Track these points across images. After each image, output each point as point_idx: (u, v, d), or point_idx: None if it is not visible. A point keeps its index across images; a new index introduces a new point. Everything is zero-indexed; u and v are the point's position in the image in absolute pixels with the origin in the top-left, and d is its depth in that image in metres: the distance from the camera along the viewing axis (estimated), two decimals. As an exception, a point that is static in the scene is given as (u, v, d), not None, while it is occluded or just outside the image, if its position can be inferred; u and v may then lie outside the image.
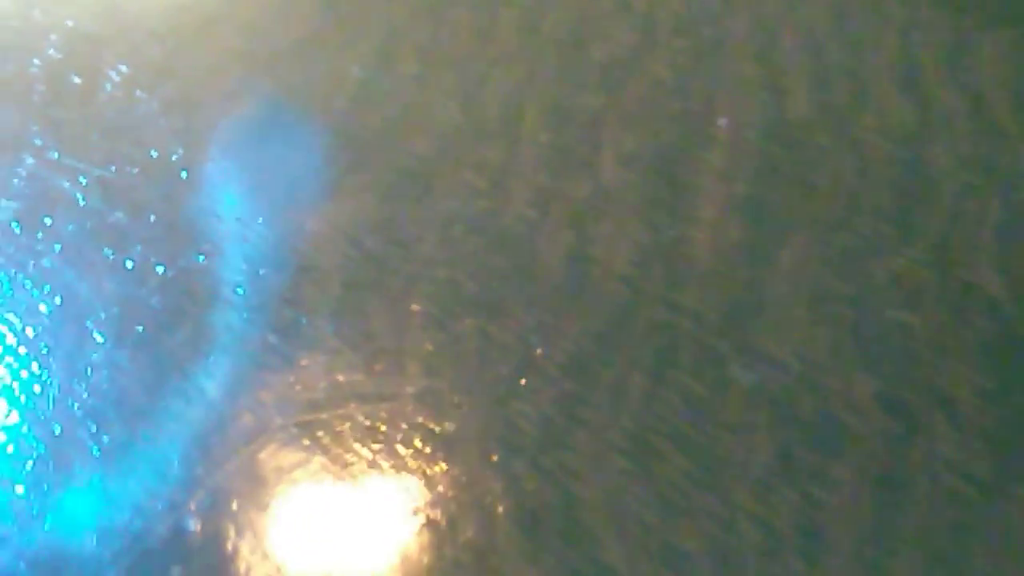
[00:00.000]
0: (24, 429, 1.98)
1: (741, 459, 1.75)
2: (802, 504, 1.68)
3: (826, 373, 1.85)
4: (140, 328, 2.11)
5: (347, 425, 1.90)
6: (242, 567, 1.75)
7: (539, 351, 1.95)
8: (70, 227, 2.36)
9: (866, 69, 2.45)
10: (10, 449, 1.95)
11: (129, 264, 2.23)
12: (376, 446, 1.86)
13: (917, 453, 1.71)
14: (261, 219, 2.29)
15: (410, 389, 1.93)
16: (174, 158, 2.48)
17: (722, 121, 2.37)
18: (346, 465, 1.84)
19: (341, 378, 1.97)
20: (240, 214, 2.32)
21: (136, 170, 2.46)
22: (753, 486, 1.71)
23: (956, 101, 2.32)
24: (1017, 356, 1.83)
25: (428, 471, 1.81)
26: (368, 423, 1.90)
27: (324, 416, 1.92)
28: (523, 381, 1.90)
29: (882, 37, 2.54)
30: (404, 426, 1.88)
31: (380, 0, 2.96)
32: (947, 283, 1.96)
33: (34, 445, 1.95)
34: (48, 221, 2.38)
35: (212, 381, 1.99)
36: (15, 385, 2.05)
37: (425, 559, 1.72)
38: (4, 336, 2.14)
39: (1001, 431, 1.72)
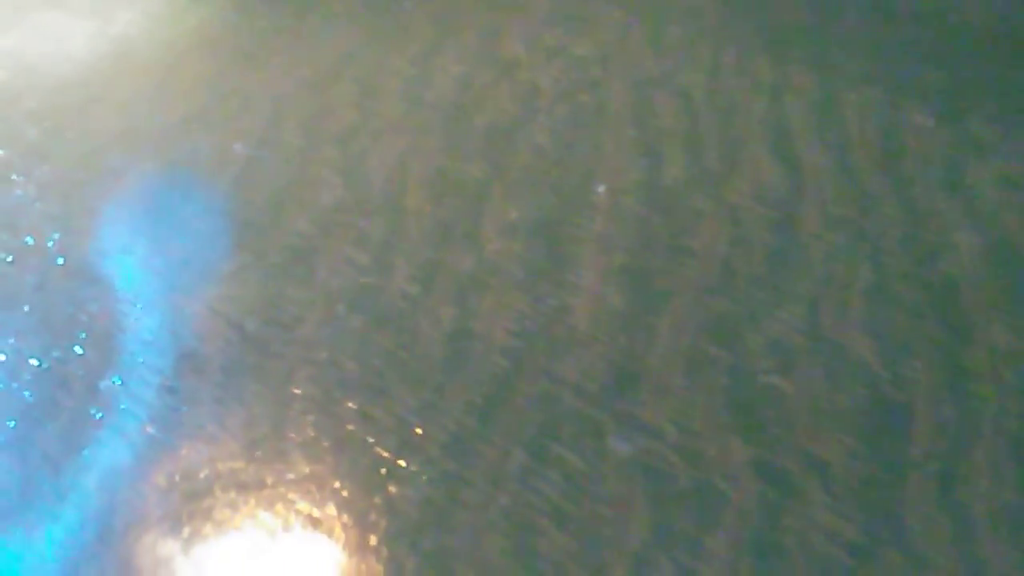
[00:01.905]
0: None
1: (618, 533, 1.75)
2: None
3: (702, 440, 1.87)
4: (12, 424, 2.05)
5: (228, 513, 1.87)
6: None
7: (420, 431, 1.95)
8: (-57, 318, 2.30)
9: (739, 131, 2.51)
10: None
11: (1, 357, 2.18)
12: (257, 533, 1.83)
13: (791, 519, 1.73)
14: (140, 305, 2.25)
15: (291, 475, 1.91)
16: (50, 244, 2.43)
17: (600, 188, 2.40)
18: (226, 554, 1.81)
19: (221, 467, 1.94)
20: (119, 300, 2.28)
21: (10, 258, 2.40)
22: (630, 560, 1.72)
23: (824, 161, 2.39)
24: (888, 418, 1.87)
25: (309, 556, 1.79)
26: (249, 511, 1.87)
27: (204, 505, 1.89)
28: (403, 463, 1.89)
29: (753, 99, 2.61)
30: (285, 512, 1.86)
31: (263, 75, 2.96)
32: (819, 346, 2.00)
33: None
34: (-79, 313, 2.32)
35: (88, 475, 1.95)
36: None
37: (302, 654, 1.70)
38: None
39: (872, 493, 1.76)
